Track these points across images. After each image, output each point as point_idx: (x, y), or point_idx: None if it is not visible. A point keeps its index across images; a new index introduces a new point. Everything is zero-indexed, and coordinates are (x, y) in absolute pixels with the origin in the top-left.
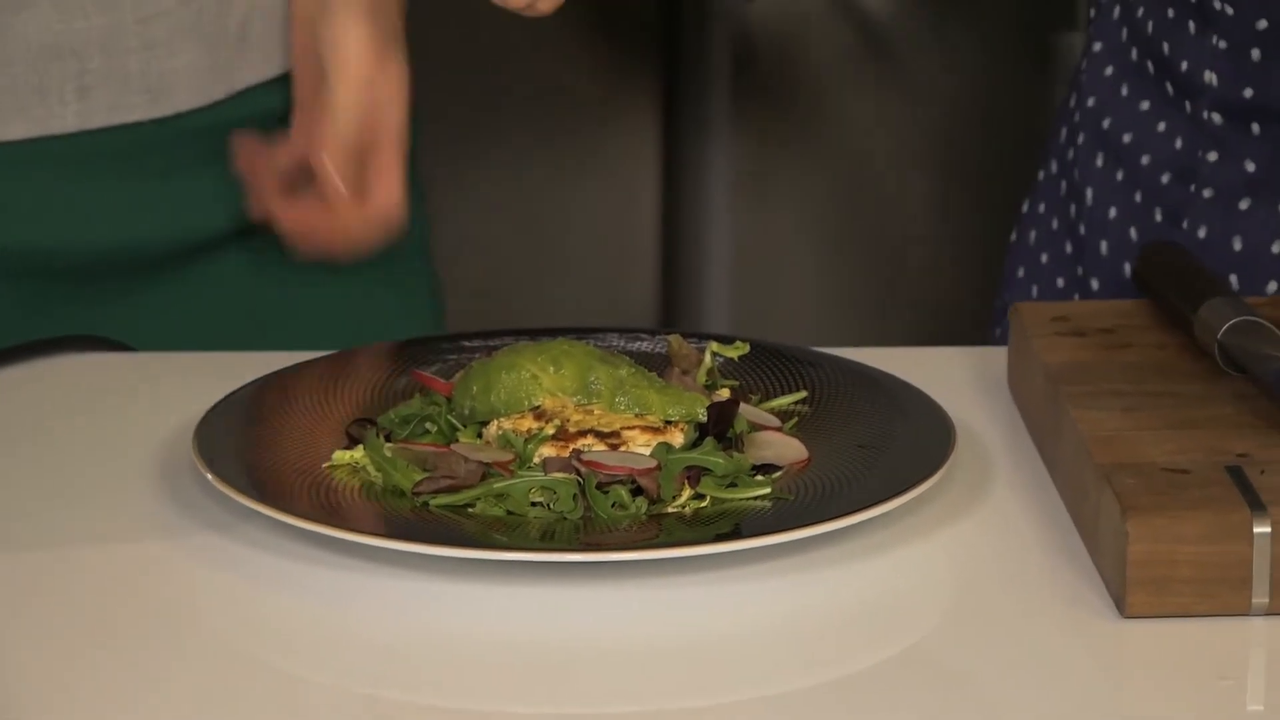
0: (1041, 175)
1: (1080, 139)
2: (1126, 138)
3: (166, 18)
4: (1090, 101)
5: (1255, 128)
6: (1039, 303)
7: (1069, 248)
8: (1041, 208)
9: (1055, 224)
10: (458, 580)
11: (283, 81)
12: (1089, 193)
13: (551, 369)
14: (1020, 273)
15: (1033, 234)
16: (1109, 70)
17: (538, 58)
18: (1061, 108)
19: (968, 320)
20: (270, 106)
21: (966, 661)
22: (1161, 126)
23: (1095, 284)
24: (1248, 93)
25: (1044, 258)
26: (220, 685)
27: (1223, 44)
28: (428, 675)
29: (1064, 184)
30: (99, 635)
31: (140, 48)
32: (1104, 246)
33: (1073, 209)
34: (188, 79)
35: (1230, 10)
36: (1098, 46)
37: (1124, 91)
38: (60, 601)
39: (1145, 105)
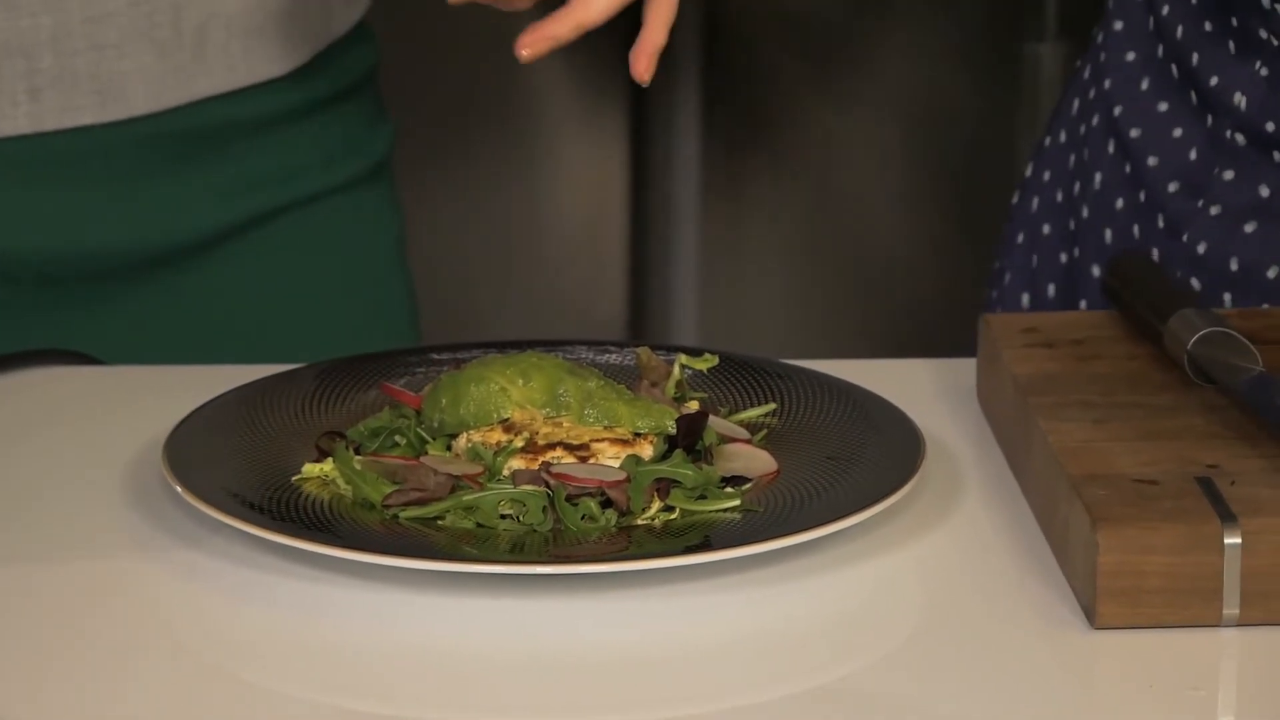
0: (1048, 141)
1: (1095, 120)
2: (1135, 133)
3: (116, 19)
4: (1107, 84)
5: (1277, 155)
6: (1008, 314)
7: (1072, 224)
8: (1046, 175)
9: (1060, 196)
10: (427, 592)
11: (247, 94)
12: (1098, 177)
13: (520, 381)
14: (1020, 238)
15: (1035, 200)
16: (1131, 56)
17: (506, 68)
18: (1074, 78)
19: (938, 331)
20: (234, 118)
21: (936, 673)
22: (1177, 133)
23: (1096, 270)
24: (1270, 126)
25: (1046, 228)
26: (190, 698)
27: (1265, 71)
28: (398, 687)
29: (1073, 158)
30: (68, 648)
31: (89, 48)
32: (1108, 234)
33: (1078, 187)
34: (140, 83)
35: (1275, 42)
36: (1119, 25)
37: (1144, 85)
38: (30, 615)
39: (1164, 107)
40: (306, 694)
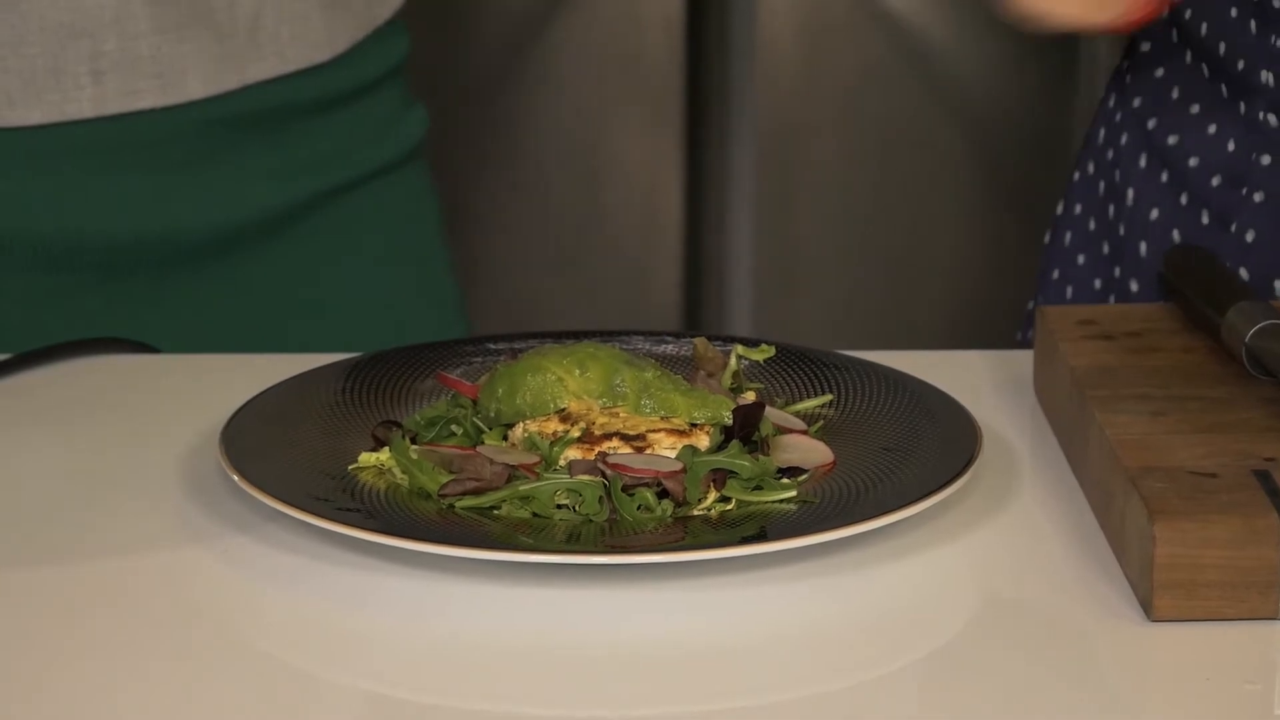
0: (1077, 176)
1: (1123, 140)
2: (1173, 139)
3: (176, 2)
4: (1136, 102)
5: None
6: (1065, 306)
7: (1106, 248)
8: (1078, 209)
9: (1093, 225)
10: (483, 582)
11: (295, 79)
12: (1130, 193)
13: (577, 371)
14: (1055, 275)
15: (1068, 235)
16: (1159, 72)
17: (563, 61)
18: (1100, 108)
19: (993, 323)
20: (283, 103)
21: (992, 665)
22: (1212, 129)
23: (1135, 285)
24: None
25: (1080, 259)
26: (243, 684)
27: None
28: (452, 677)
29: (1102, 184)
30: (124, 635)
31: (151, 31)
32: (1144, 248)
33: (1111, 210)
34: (198, 66)
35: None
36: (1145, 46)
37: (1175, 94)
38: (83, 597)
39: (1195, 109)
40: (359, 682)
